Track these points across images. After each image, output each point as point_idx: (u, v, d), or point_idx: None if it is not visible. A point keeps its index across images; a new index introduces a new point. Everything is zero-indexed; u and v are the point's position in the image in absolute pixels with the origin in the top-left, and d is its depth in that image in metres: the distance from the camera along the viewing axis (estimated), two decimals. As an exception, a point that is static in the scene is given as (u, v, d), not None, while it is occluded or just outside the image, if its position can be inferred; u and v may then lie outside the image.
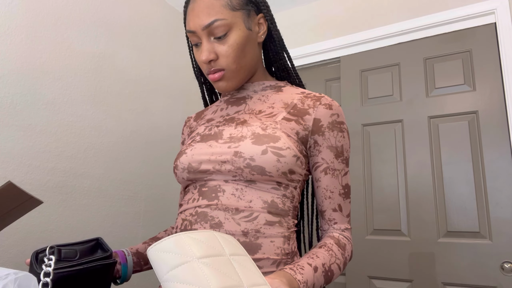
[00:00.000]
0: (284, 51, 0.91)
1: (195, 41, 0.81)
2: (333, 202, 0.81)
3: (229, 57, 0.78)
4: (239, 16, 0.79)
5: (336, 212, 0.81)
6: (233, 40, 0.78)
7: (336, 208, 0.81)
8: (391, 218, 1.88)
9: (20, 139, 1.44)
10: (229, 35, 0.78)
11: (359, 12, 2.17)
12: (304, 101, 0.83)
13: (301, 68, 2.37)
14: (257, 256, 0.71)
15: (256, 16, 0.84)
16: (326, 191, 0.81)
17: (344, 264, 0.77)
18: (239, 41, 0.79)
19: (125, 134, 1.90)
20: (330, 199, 0.81)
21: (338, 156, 0.81)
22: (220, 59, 0.79)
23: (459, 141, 1.78)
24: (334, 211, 0.81)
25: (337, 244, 0.77)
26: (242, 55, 0.80)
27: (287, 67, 0.92)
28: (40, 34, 1.55)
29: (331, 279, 0.73)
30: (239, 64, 0.80)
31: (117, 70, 1.90)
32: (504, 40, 1.75)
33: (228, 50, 0.78)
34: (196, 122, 0.98)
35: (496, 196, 1.66)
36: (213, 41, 0.79)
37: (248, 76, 0.85)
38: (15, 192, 0.69)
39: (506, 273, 1.58)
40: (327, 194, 0.81)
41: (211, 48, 0.78)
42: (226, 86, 0.82)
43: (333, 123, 0.81)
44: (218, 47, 0.78)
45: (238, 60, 0.79)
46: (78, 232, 1.61)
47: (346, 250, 0.78)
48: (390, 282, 1.82)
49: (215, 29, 0.77)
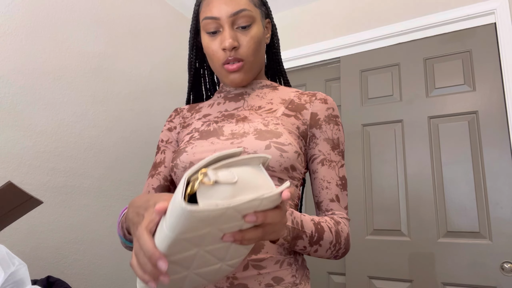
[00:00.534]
0: (281, 58, 0.96)
1: (213, 29, 0.80)
2: (330, 192, 0.80)
3: (250, 48, 0.79)
4: (259, 13, 0.83)
5: (334, 203, 0.80)
6: (255, 33, 0.80)
7: (333, 198, 0.80)
8: (391, 218, 1.88)
9: (20, 139, 1.44)
10: (252, 27, 0.80)
11: (359, 12, 2.17)
12: (301, 97, 0.86)
13: (301, 68, 2.37)
14: (260, 256, 0.71)
15: (265, 19, 0.88)
16: (323, 182, 0.80)
17: (336, 233, 0.73)
18: (259, 35, 0.81)
19: (125, 134, 1.90)
20: (327, 189, 0.80)
21: (335, 148, 0.82)
22: (241, 49, 0.79)
23: (459, 141, 1.79)
24: (332, 201, 0.80)
25: (330, 218, 0.76)
26: (259, 49, 0.82)
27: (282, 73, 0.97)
28: (40, 34, 1.55)
29: (321, 235, 0.70)
30: (256, 57, 0.81)
31: (117, 70, 1.90)
32: (504, 40, 1.75)
33: (250, 41, 0.79)
34: (190, 113, 0.95)
35: (496, 196, 1.66)
36: (235, 30, 0.80)
37: (257, 73, 0.87)
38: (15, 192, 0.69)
39: (506, 273, 1.58)
40: (324, 185, 0.80)
41: (234, 36, 0.79)
42: (242, 79, 0.82)
43: (329, 117, 0.83)
44: (240, 37, 0.79)
45: (256, 53, 0.81)
46: (78, 232, 1.61)
47: (341, 225, 0.76)
48: (390, 282, 1.82)
49: (241, 18, 0.79)
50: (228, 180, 0.48)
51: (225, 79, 0.83)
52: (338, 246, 0.74)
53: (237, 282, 0.70)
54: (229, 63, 0.80)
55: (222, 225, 0.47)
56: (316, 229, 0.69)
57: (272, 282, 0.71)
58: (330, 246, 0.72)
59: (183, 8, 2.39)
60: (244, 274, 0.70)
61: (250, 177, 0.50)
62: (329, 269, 2.04)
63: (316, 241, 0.69)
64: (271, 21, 0.90)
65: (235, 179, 0.49)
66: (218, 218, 0.45)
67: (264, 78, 0.93)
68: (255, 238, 0.50)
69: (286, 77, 0.97)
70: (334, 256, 0.76)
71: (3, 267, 0.71)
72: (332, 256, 0.75)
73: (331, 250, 0.73)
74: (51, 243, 1.50)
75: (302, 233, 0.67)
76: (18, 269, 0.73)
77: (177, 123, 0.96)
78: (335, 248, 0.74)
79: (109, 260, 1.74)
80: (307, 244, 0.69)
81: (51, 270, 1.49)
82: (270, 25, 0.90)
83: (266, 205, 0.48)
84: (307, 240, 0.68)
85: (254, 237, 0.49)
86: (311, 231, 0.68)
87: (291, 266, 0.74)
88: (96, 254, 1.68)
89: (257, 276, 0.71)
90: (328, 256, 0.75)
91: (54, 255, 1.51)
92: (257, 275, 0.71)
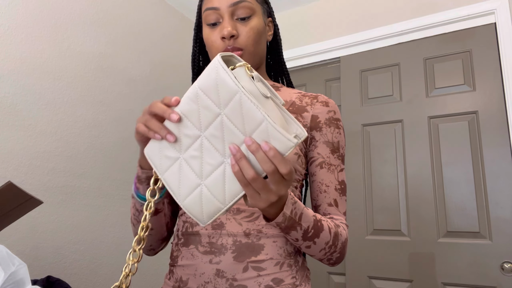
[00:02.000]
0: (283, 58, 0.96)
1: (213, 20, 0.80)
2: (328, 196, 0.78)
3: (250, 38, 0.79)
4: (260, 8, 0.83)
5: (332, 207, 0.78)
6: (255, 24, 0.80)
7: (331, 202, 0.78)
8: (391, 218, 1.88)
9: (20, 139, 1.44)
10: (252, 19, 0.80)
11: (359, 12, 2.17)
12: (302, 99, 0.85)
13: (301, 68, 2.37)
14: (260, 258, 0.71)
15: (267, 17, 0.88)
16: (321, 185, 0.79)
17: (335, 235, 0.71)
18: (259, 28, 0.81)
19: (125, 134, 1.90)
20: (325, 193, 0.78)
21: (334, 151, 0.81)
22: (240, 38, 0.79)
23: (459, 141, 1.79)
24: (330, 206, 0.78)
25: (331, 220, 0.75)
26: (259, 41, 0.82)
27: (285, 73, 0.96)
28: (40, 34, 1.55)
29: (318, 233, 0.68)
30: (256, 48, 0.81)
31: (117, 70, 1.90)
32: (504, 40, 1.75)
33: (250, 31, 0.79)
34: None
35: (496, 196, 1.66)
36: (235, 20, 0.80)
37: (257, 66, 0.86)
38: (15, 192, 0.69)
39: (506, 273, 1.58)
40: (322, 188, 0.79)
41: (234, 25, 0.79)
42: None
43: (330, 120, 0.82)
44: (240, 27, 0.79)
45: (256, 44, 0.81)
46: (78, 232, 1.61)
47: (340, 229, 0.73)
48: (390, 282, 1.82)
49: (241, 9, 0.79)
50: (262, 86, 0.52)
51: None
52: (334, 249, 0.71)
53: (237, 284, 0.70)
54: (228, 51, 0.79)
55: (237, 118, 0.50)
56: (315, 226, 0.67)
57: (272, 283, 0.71)
58: (325, 246, 0.70)
59: (183, 8, 2.39)
60: (244, 276, 0.70)
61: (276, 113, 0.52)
62: (329, 269, 2.04)
63: (310, 237, 0.67)
64: (273, 20, 0.90)
65: (268, 94, 0.52)
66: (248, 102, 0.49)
67: (267, 78, 0.93)
68: (248, 172, 0.50)
69: (289, 78, 0.97)
70: (327, 259, 0.73)
71: (3, 267, 0.71)
72: (325, 258, 0.72)
73: (325, 251, 0.70)
74: (51, 243, 1.50)
75: (297, 224, 0.64)
76: (18, 269, 0.73)
77: None
78: (330, 250, 0.71)
79: (109, 260, 1.74)
80: (300, 237, 0.66)
81: (51, 270, 1.49)
82: (272, 25, 0.90)
83: (277, 145, 0.49)
84: (300, 233, 0.66)
85: (248, 170, 0.50)
86: (308, 226, 0.66)
87: (291, 267, 0.74)
88: (96, 254, 1.68)
89: (257, 277, 0.70)
90: (321, 257, 0.72)
91: (54, 255, 1.51)
92: (257, 276, 0.70)
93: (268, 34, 0.88)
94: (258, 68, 0.89)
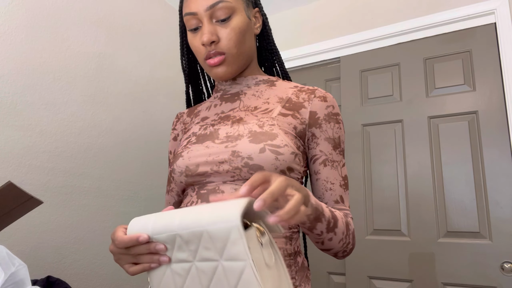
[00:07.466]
0: (275, 48, 0.92)
1: (193, 25, 0.79)
2: (334, 193, 0.79)
3: (231, 41, 0.77)
4: (241, 3, 0.80)
5: (339, 204, 0.79)
6: (236, 24, 0.78)
7: (338, 199, 0.79)
8: (391, 218, 1.88)
9: (20, 139, 1.44)
10: (232, 19, 0.78)
11: (359, 12, 2.17)
12: (299, 94, 0.83)
13: (301, 68, 2.37)
14: None
15: (253, 9, 0.85)
16: (327, 183, 0.79)
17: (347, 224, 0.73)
18: (241, 26, 0.78)
19: (125, 134, 1.90)
20: (331, 191, 0.79)
21: (336, 147, 0.81)
22: (221, 42, 0.77)
23: (459, 141, 1.79)
24: (336, 203, 0.79)
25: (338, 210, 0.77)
26: (243, 40, 0.79)
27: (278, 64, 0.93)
28: (40, 34, 1.55)
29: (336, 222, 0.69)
30: (239, 49, 0.79)
31: (117, 70, 1.90)
32: (504, 40, 1.75)
33: (231, 33, 0.77)
34: (190, 118, 0.95)
35: (496, 196, 1.66)
36: (215, 23, 0.78)
37: (245, 65, 0.84)
38: (15, 192, 0.69)
39: (506, 273, 1.58)
40: (327, 186, 0.79)
41: (213, 30, 0.77)
42: (225, 72, 0.79)
43: (329, 115, 0.81)
44: (220, 30, 0.77)
45: (239, 45, 0.78)
46: (78, 232, 1.61)
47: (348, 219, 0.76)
48: (390, 282, 1.82)
49: (218, 11, 0.76)
50: (268, 257, 0.52)
51: (210, 73, 0.82)
52: (348, 239, 0.73)
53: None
54: (211, 57, 0.78)
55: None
56: (332, 216, 0.68)
57: None
58: (342, 237, 0.71)
59: (183, 8, 2.39)
60: None
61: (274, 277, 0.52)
62: (329, 269, 2.04)
63: (332, 227, 0.68)
64: (261, 10, 0.87)
65: (273, 261, 0.53)
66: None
67: (259, 72, 0.90)
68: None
69: (283, 68, 0.93)
70: (343, 251, 0.74)
71: (3, 267, 0.71)
72: (341, 249, 0.73)
73: (343, 242, 0.72)
74: (51, 243, 1.50)
75: (322, 215, 0.65)
76: (19, 269, 0.73)
77: (179, 129, 0.97)
78: (346, 240, 0.72)
79: (109, 260, 1.74)
80: (324, 229, 0.67)
81: (51, 270, 1.49)
82: (260, 15, 0.87)
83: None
84: (325, 224, 0.66)
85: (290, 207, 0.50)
86: (329, 216, 0.67)
87: (291, 268, 0.74)
88: (96, 254, 1.68)
89: None
90: (339, 249, 0.73)
91: (54, 255, 1.51)
92: None
93: (255, 27, 0.85)
94: (248, 66, 0.87)
